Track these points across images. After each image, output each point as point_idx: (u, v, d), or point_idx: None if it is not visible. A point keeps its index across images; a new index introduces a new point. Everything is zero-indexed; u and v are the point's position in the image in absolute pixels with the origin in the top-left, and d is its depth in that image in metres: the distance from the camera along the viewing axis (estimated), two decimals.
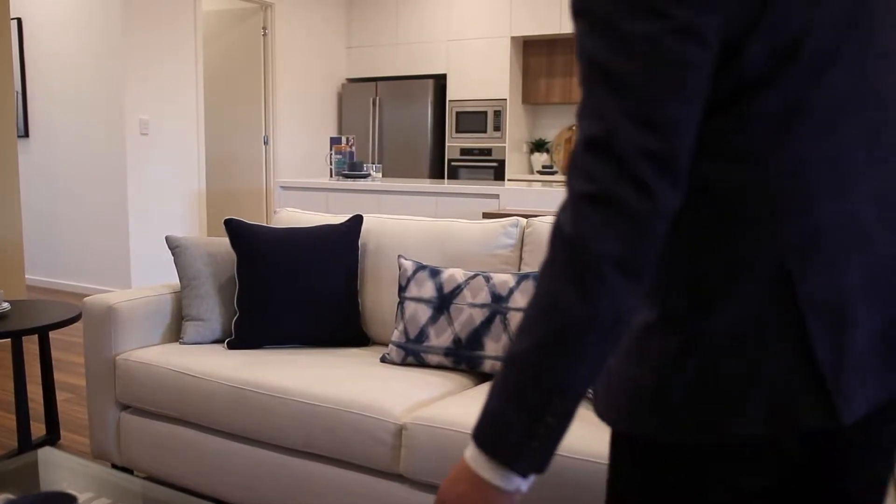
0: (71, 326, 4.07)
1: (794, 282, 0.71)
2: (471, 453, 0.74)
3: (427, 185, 4.71)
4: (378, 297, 2.32)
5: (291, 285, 2.23)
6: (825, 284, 0.71)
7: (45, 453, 1.66)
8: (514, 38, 6.45)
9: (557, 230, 0.69)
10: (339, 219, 2.45)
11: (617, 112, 0.66)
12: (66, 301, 2.77)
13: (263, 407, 1.88)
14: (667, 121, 0.65)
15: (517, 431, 0.70)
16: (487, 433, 0.72)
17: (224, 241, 2.39)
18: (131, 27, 5.17)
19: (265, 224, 6.57)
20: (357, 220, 2.35)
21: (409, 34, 6.92)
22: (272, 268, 2.23)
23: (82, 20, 5.31)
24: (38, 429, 2.84)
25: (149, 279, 5.39)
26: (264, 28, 6.47)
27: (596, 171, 0.66)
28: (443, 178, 6.92)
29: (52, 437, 2.71)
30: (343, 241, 2.30)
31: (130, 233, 5.26)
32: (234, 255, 2.34)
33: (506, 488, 0.72)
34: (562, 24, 6.18)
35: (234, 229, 2.27)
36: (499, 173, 6.61)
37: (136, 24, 5.20)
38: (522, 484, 0.72)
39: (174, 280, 5.53)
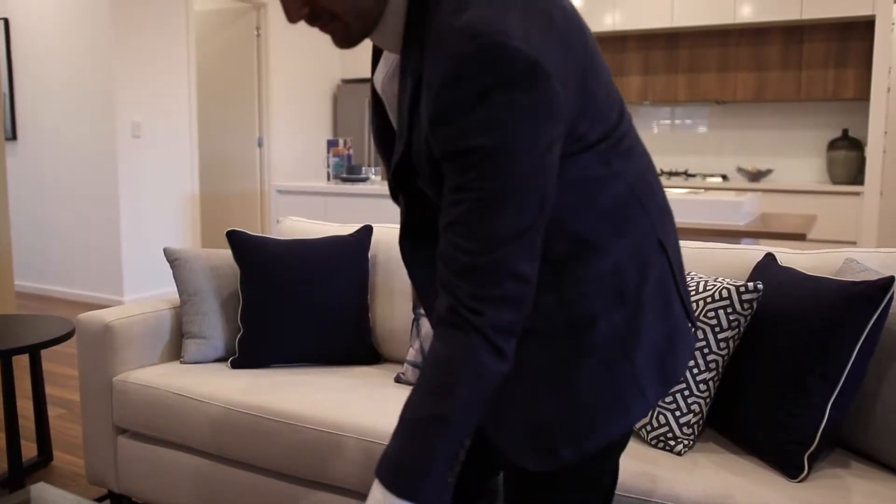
0: None
1: (666, 248, 0.99)
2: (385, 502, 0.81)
3: None
4: (390, 313, 2.20)
5: (298, 300, 2.11)
6: (667, 239, 1.01)
7: (39, 490, 1.54)
8: None
9: (467, 320, 0.83)
10: (348, 229, 2.33)
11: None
12: (57, 310, 2.64)
13: (274, 434, 1.76)
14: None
15: (440, 477, 0.82)
16: (411, 485, 0.81)
17: (226, 254, 2.27)
18: (122, 27, 5.02)
19: (261, 228, 6.43)
20: (366, 231, 2.23)
21: None
22: (278, 282, 2.11)
23: (71, 19, 5.16)
24: (29, 448, 2.70)
25: (141, 285, 5.25)
26: (257, 28, 6.33)
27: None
28: None
29: (45, 459, 2.58)
30: (352, 253, 2.18)
31: (122, 238, 5.12)
32: (237, 269, 2.22)
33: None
34: None
35: (238, 242, 2.15)
36: None
37: (127, 24, 5.06)
38: None
39: (168, 287, 5.38)
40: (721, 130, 6.06)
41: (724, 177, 5.94)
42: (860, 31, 5.30)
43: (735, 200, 3.55)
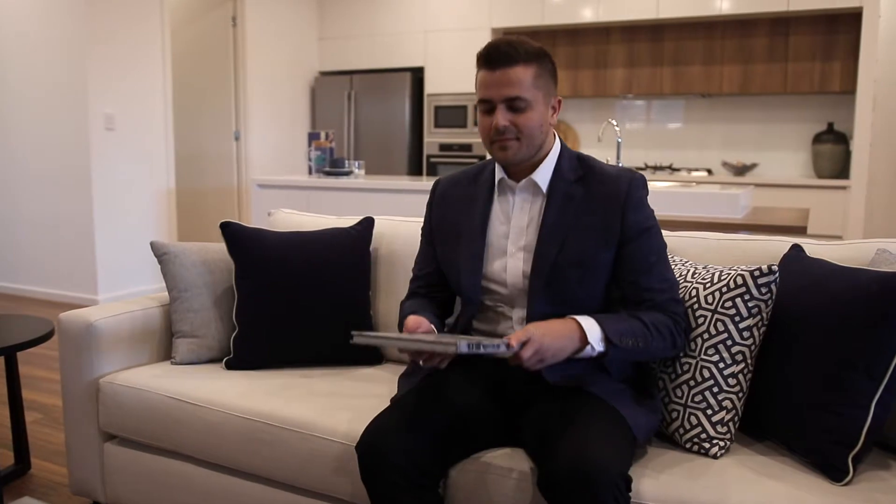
0: None
1: None
2: (596, 334, 1.40)
3: (420, 182, 4.49)
4: (392, 309, 2.09)
5: (296, 296, 1.99)
6: None
7: None
8: (494, 30, 6.24)
9: (672, 315, 1.51)
10: (347, 221, 2.22)
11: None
12: (29, 309, 2.48)
13: (280, 442, 1.65)
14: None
15: (621, 339, 1.42)
16: (615, 334, 1.41)
17: (219, 247, 2.14)
18: (94, 15, 4.82)
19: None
20: (368, 223, 2.12)
21: (384, 25, 6.67)
22: (275, 277, 1.99)
23: (41, 8, 4.94)
24: (5, 457, 2.55)
25: (116, 283, 5.07)
26: (234, 18, 6.16)
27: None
28: (421, 174, 6.70)
29: (22, 467, 2.43)
30: (353, 246, 2.07)
31: (96, 234, 4.93)
32: (230, 263, 2.09)
33: (588, 353, 1.40)
34: (543, 15, 5.99)
35: (233, 234, 2.02)
36: None
37: (100, 12, 4.86)
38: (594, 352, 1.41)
39: (144, 286, 5.21)
40: (706, 124, 6.03)
41: (709, 171, 5.91)
42: (847, 23, 5.30)
43: (732, 193, 3.49)
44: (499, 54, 1.45)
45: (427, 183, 4.45)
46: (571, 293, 1.49)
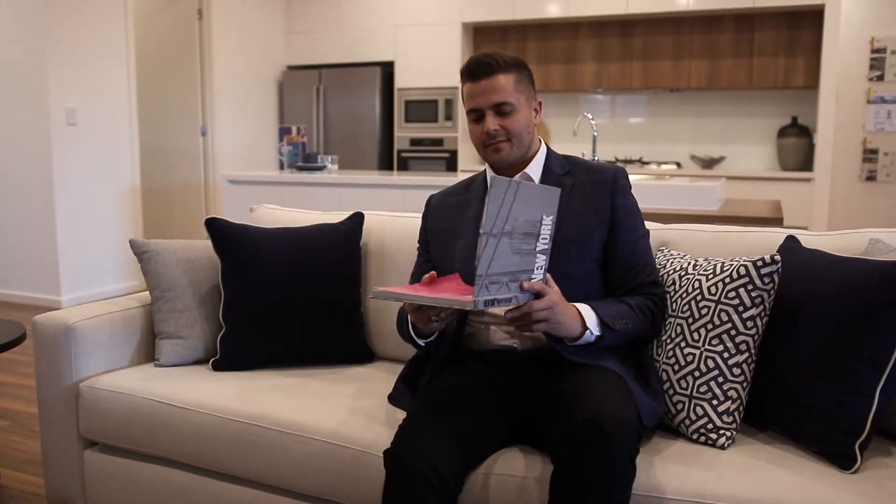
0: None
1: None
2: (592, 319, 1.47)
3: (395, 177, 4.44)
4: (384, 306, 2.05)
5: (286, 294, 1.94)
6: None
7: None
8: (464, 25, 6.21)
9: (653, 295, 1.62)
10: (336, 217, 2.17)
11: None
12: None
13: (277, 446, 1.59)
14: None
15: (614, 323, 1.50)
16: (609, 318, 1.48)
17: (202, 245, 2.07)
18: (55, 6, 4.66)
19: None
20: (357, 219, 2.07)
21: (353, 19, 6.59)
22: (264, 275, 1.93)
23: None
24: None
25: (81, 284, 4.91)
26: (199, 10, 6.01)
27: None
28: (392, 169, 6.64)
29: None
30: (343, 242, 2.02)
31: (59, 233, 4.77)
32: (215, 261, 2.03)
33: (587, 338, 1.47)
34: (514, 10, 5.98)
35: (218, 231, 1.95)
36: (451, 164, 6.38)
37: (61, 3, 4.69)
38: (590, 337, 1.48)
39: (110, 286, 5.06)
40: (674, 118, 6.09)
41: (678, 164, 5.98)
42: (810, 19, 5.40)
43: (708, 186, 3.53)
44: (480, 66, 1.54)
45: (401, 178, 4.40)
46: (568, 270, 1.54)
